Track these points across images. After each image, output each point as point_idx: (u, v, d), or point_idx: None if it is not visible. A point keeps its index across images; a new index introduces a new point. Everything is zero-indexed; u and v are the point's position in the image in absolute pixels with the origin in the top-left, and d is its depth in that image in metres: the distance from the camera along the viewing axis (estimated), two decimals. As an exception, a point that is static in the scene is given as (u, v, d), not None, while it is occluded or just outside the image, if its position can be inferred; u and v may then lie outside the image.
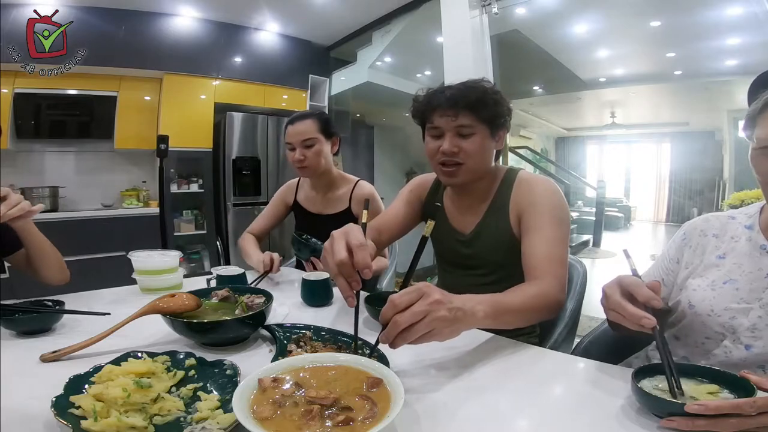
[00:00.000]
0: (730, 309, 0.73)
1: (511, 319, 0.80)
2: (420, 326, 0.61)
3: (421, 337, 0.62)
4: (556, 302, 0.88)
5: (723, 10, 3.34)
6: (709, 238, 0.82)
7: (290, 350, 0.76)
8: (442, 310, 0.63)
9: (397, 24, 3.99)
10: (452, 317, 0.65)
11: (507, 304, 0.79)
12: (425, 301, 0.63)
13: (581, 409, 0.61)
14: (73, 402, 0.54)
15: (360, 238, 0.71)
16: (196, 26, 3.93)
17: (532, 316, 0.85)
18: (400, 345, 0.63)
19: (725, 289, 0.75)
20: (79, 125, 3.58)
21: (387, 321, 0.62)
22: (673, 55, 4.48)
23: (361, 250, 0.69)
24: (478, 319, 0.71)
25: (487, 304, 0.74)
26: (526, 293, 0.84)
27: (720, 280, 0.76)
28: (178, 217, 4.01)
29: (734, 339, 0.72)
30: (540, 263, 0.92)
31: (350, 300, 0.70)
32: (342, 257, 0.69)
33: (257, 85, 4.26)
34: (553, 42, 4.26)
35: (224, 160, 3.98)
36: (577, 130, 8.69)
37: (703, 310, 0.75)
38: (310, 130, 1.49)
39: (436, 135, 1.02)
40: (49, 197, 3.41)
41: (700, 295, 0.77)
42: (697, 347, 0.77)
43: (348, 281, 0.70)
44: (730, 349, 0.72)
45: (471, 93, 0.97)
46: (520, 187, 1.04)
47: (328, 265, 0.72)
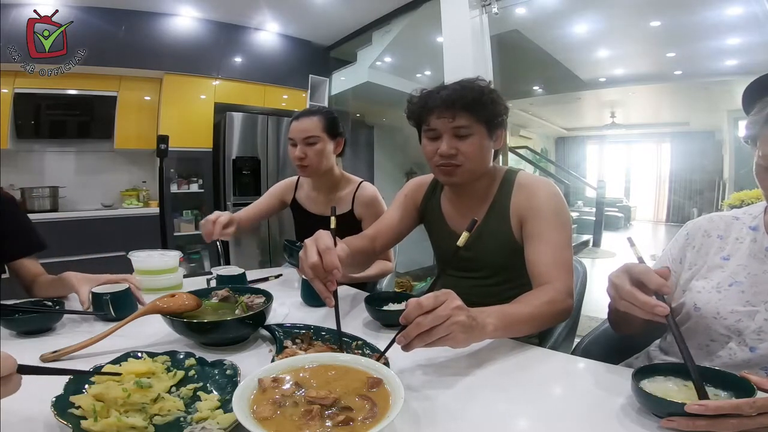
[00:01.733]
0: (736, 312, 0.72)
1: (522, 329, 0.80)
2: (440, 329, 0.64)
3: (437, 341, 0.64)
4: (565, 308, 0.88)
5: (723, 10, 3.33)
6: (713, 239, 0.81)
7: (286, 346, 0.76)
8: (461, 315, 0.66)
9: (397, 24, 3.98)
10: (469, 324, 0.67)
11: (516, 316, 0.79)
12: (448, 306, 0.65)
13: (581, 409, 0.61)
14: (73, 402, 0.54)
15: (328, 243, 0.79)
16: (196, 26, 3.93)
17: (542, 324, 0.85)
18: (417, 346, 0.64)
19: (731, 292, 0.74)
20: (79, 125, 3.58)
21: (409, 322, 0.64)
22: (673, 55, 4.48)
23: (328, 254, 0.77)
24: (488, 332, 0.72)
25: (497, 317, 0.74)
26: (535, 302, 0.84)
27: (725, 282, 0.75)
28: (178, 217, 4.01)
29: (740, 341, 0.71)
30: (547, 270, 0.92)
31: (328, 300, 0.76)
32: (314, 260, 0.76)
33: (257, 85, 4.26)
34: (553, 42, 4.26)
35: (224, 160, 3.98)
36: (577, 130, 8.68)
37: (709, 313, 0.74)
38: (314, 127, 1.45)
39: (433, 137, 1.01)
40: (49, 197, 3.41)
41: (705, 297, 0.76)
42: (701, 349, 0.76)
43: (324, 283, 0.76)
44: (734, 351, 0.71)
45: (467, 93, 0.96)
46: (521, 191, 1.03)
47: (304, 269, 0.79)
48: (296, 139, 1.46)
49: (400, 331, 0.65)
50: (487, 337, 0.73)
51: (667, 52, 4.44)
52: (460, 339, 0.66)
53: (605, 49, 4.64)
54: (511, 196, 1.04)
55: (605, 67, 5.12)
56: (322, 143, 1.46)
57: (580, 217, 6.64)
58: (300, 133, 1.45)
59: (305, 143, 1.45)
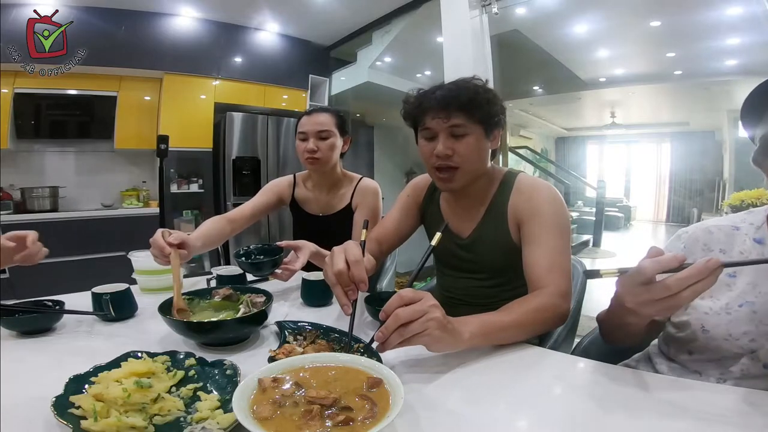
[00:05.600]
0: (748, 332, 0.68)
1: (505, 336, 0.79)
2: (416, 324, 0.65)
3: (412, 337, 0.66)
4: (559, 314, 0.86)
5: (723, 10, 3.33)
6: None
7: (288, 341, 0.78)
8: (438, 312, 0.68)
9: (397, 24, 3.99)
10: (445, 323, 0.68)
11: (497, 323, 0.78)
12: (425, 303, 0.67)
13: (581, 409, 0.61)
14: (73, 402, 0.54)
15: (357, 255, 0.78)
16: (196, 26, 3.93)
17: (532, 331, 0.83)
18: (394, 343, 0.66)
19: (742, 312, 0.69)
20: (79, 125, 3.58)
21: (389, 313, 0.66)
22: (673, 55, 4.48)
23: (357, 266, 0.76)
24: (464, 340, 0.72)
25: (475, 325, 0.74)
26: (520, 309, 0.83)
27: (735, 302, 0.71)
28: (178, 217, 4.01)
29: (753, 358, 0.68)
30: (542, 275, 0.90)
31: (346, 308, 0.76)
32: (340, 267, 0.76)
33: (257, 85, 4.26)
34: (553, 42, 4.25)
35: (224, 160, 3.98)
36: (577, 130, 8.68)
37: (719, 335, 0.70)
38: (328, 122, 1.47)
39: (429, 137, 1.00)
40: (49, 197, 3.41)
41: (714, 320, 0.71)
42: (711, 362, 0.73)
43: (345, 290, 0.77)
44: (748, 366, 0.69)
45: (462, 93, 0.95)
46: (520, 193, 1.02)
47: (327, 275, 0.79)
48: (309, 132, 1.46)
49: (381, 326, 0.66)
50: (465, 345, 0.72)
51: (667, 52, 4.44)
52: (436, 336, 0.67)
53: (605, 49, 4.63)
54: (510, 198, 1.03)
55: (605, 67, 5.11)
56: (333, 138, 1.47)
57: (580, 217, 6.64)
58: (315, 126, 1.46)
59: (318, 137, 1.46)
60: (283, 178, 1.68)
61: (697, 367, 0.74)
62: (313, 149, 1.45)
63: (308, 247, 1.19)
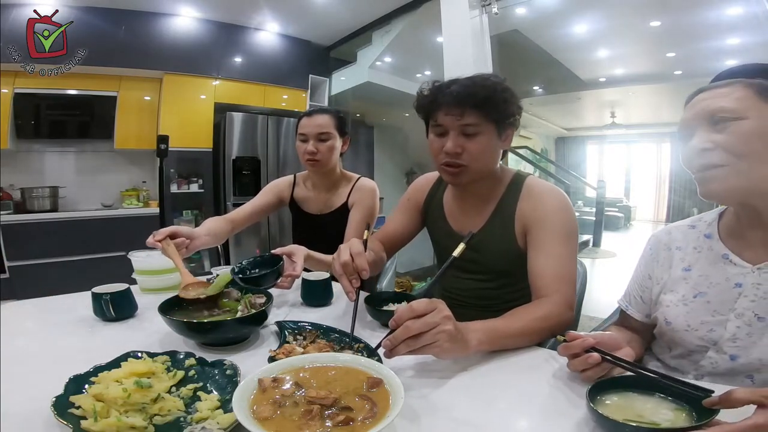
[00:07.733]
0: (706, 322, 0.73)
1: (511, 343, 0.79)
2: (427, 336, 0.65)
3: (422, 348, 0.65)
4: (562, 322, 0.85)
5: (723, 10, 3.33)
6: (674, 251, 0.82)
7: (288, 341, 0.79)
8: (449, 324, 0.66)
9: (397, 24, 3.99)
10: (456, 334, 0.67)
11: (505, 330, 0.78)
12: (438, 314, 0.66)
13: (581, 409, 0.61)
14: (73, 402, 0.54)
15: (360, 248, 0.86)
16: (196, 26, 3.93)
17: (536, 338, 0.83)
18: (402, 352, 0.65)
19: (697, 303, 0.75)
20: (79, 125, 3.58)
21: (399, 324, 0.65)
22: (673, 55, 4.48)
23: (360, 257, 0.85)
24: (471, 347, 0.71)
25: (483, 332, 0.74)
26: (530, 316, 0.82)
27: (690, 294, 0.76)
28: (178, 217, 4.00)
29: (717, 350, 0.72)
30: (548, 282, 0.89)
31: (350, 295, 0.84)
32: (345, 259, 0.85)
33: (257, 85, 4.26)
34: (553, 42, 4.26)
35: (224, 160, 3.98)
36: (577, 130, 8.69)
37: (680, 326, 0.75)
38: (328, 124, 1.47)
39: (440, 133, 0.97)
40: (49, 197, 3.41)
41: (674, 311, 0.77)
42: (684, 358, 0.77)
43: (349, 280, 0.85)
44: (715, 359, 0.72)
45: (479, 91, 0.91)
46: (529, 198, 1.00)
47: (334, 266, 0.87)
48: (309, 134, 1.47)
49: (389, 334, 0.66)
50: (471, 352, 0.72)
51: (667, 52, 4.44)
52: (446, 348, 0.66)
53: (605, 49, 4.64)
54: (518, 202, 1.01)
55: (605, 67, 5.12)
56: (333, 140, 1.48)
57: (580, 217, 6.61)
58: (314, 128, 1.47)
59: (318, 139, 1.46)
60: (283, 178, 1.69)
61: (676, 364, 0.79)
62: (313, 151, 1.46)
63: (301, 251, 1.18)
